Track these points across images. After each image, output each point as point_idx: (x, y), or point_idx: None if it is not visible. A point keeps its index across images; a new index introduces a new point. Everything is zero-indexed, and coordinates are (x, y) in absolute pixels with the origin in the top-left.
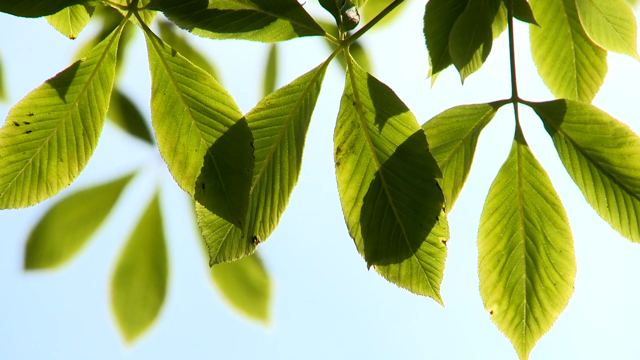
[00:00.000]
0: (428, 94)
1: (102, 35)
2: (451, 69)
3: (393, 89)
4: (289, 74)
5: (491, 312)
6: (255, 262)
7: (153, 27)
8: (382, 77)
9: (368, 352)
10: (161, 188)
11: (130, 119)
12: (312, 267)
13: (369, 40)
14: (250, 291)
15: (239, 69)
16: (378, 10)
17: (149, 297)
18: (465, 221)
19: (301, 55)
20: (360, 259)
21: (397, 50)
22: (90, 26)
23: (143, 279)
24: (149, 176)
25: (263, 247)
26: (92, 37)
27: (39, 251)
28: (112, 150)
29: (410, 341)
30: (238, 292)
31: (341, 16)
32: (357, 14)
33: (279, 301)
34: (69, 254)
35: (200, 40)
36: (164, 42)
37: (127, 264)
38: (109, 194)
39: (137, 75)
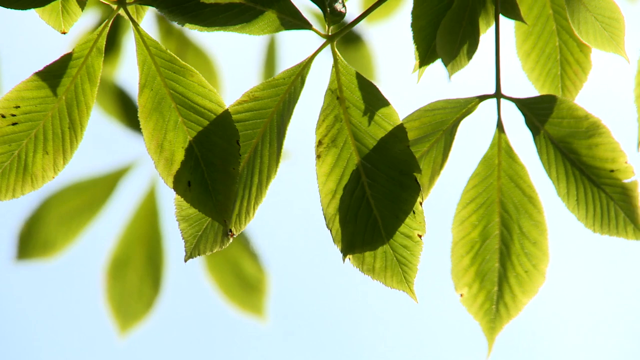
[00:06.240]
0: (428, 88)
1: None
2: (439, 64)
3: (377, 85)
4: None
5: (461, 295)
6: (251, 257)
7: (150, 19)
8: (382, 70)
9: (363, 348)
10: (157, 181)
11: (127, 112)
12: (309, 262)
13: (370, 33)
14: (245, 286)
15: (237, 62)
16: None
17: (144, 289)
18: (440, 211)
19: (301, 48)
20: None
21: (399, 43)
22: (86, 20)
23: (138, 272)
24: (145, 169)
25: (259, 242)
26: (87, 31)
27: (32, 241)
28: (108, 143)
29: (406, 335)
30: (233, 287)
31: (328, 9)
32: (344, 7)
33: (274, 296)
34: (63, 245)
35: (199, 33)
36: (152, 37)
37: (122, 256)
38: (104, 186)
39: (134, 67)
